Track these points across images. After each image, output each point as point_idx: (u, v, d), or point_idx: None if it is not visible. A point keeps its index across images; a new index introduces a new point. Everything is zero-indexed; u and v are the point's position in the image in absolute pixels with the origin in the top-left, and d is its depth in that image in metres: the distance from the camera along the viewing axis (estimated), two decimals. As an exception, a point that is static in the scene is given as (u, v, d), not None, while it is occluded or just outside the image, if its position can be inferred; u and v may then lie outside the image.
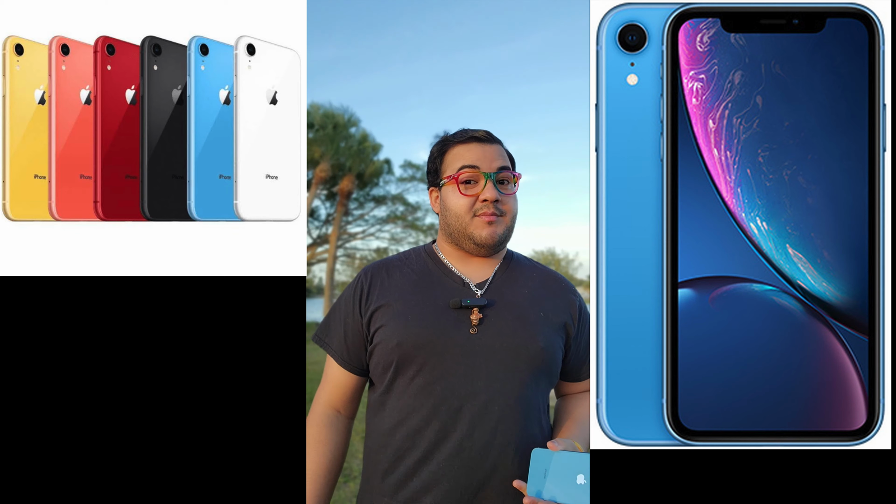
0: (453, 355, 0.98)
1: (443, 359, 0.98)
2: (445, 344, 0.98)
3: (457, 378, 0.97)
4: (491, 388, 0.97)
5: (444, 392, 0.97)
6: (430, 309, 1.02)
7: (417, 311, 1.02)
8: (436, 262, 1.09)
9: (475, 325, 1.00)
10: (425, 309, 1.02)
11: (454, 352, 0.98)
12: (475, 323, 1.00)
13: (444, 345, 0.98)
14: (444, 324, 1.00)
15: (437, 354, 0.98)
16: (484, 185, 1.02)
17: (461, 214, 1.04)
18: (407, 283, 1.07)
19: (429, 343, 0.99)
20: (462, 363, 0.98)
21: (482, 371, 0.97)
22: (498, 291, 1.05)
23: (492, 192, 1.01)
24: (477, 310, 1.01)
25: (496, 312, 1.02)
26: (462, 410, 0.96)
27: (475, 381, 0.97)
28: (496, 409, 0.96)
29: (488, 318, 1.01)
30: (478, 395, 0.97)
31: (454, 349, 0.98)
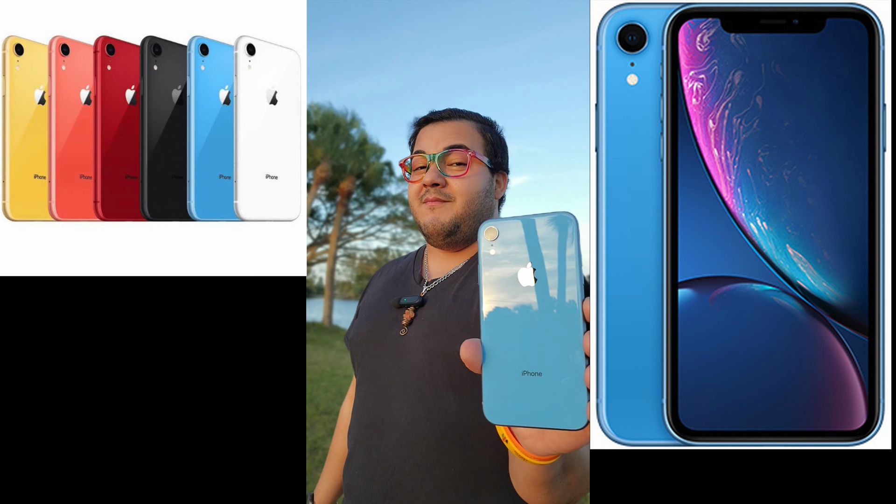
0: (379, 356, 0.90)
1: (371, 359, 0.91)
2: (376, 343, 0.91)
3: (376, 382, 0.89)
4: (403, 398, 0.84)
5: (364, 396, 0.90)
6: (380, 306, 0.96)
7: (370, 308, 0.97)
8: (417, 258, 1.03)
9: (405, 325, 0.89)
10: (377, 305, 0.96)
11: (381, 352, 0.90)
12: (405, 323, 0.89)
13: (375, 344, 0.91)
14: (382, 322, 0.92)
15: (369, 354, 0.92)
16: (427, 168, 0.93)
17: (412, 201, 0.96)
18: (384, 280, 1.02)
19: (363, 341, 0.93)
20: (384, 365, 0.88)
21: (397, 377, 0.86)
22: (445, 289, 0.92)
23: (431, 175, 0.91)
24: (411, 308, 0.90)
25: (427, 312, 0.89)
26: (374, 420, 0.86)
27: (390, 386, 0.86)
28: (403, 423, 0.83)
29: (419, 319, 0.89)
30: (390, 404, 0.85)
31: (382, 349, 0.90)
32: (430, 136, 0.96)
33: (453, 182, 0.92)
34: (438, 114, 1.00)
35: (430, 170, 0.92)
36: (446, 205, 0.93)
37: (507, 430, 0.52)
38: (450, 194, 0.93)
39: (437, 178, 0.92)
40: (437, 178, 0.92)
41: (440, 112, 1.00)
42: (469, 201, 0.93)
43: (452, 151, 0.93)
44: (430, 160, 0.92)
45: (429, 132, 0.97)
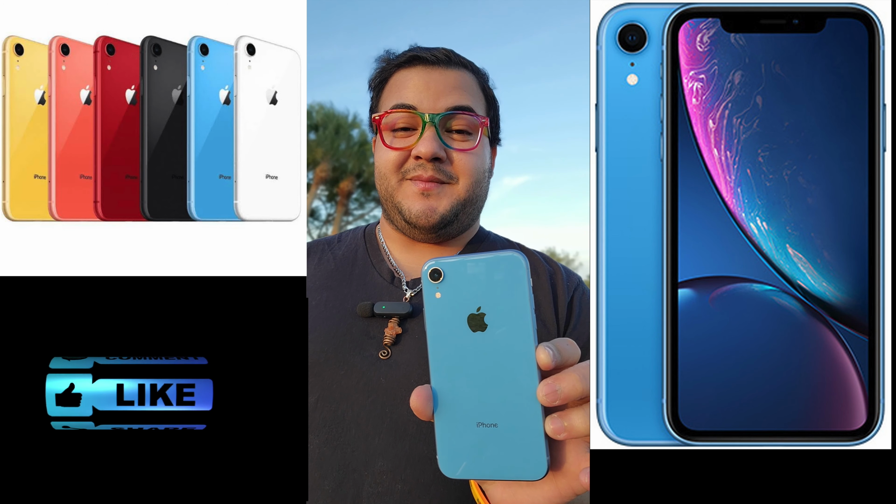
0: (345, 390, 0.62)
1: (329, 394, 0.62)
2: (336, 371, 0.63)
3: (347, 431, 0.60)
4: (396, 453, 0.59)
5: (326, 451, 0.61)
6: (331, 313, 0.66)
7: (314, 317, 0.67)
8: (370, 247, 0.73)
9: (387, 346, 0.63)
10: (325, 313, 0.67)
11: (347, 385, 0.62)
12: (388, 342, 0.63)
13: (334, 372, 0.63)
14: (342, 338, 0.64)
15: (324, 388, 0.62)
16: (420, 133, 0.65)
17: (387, 175, 0.68)
18: (320, 274, 0.72)
19: (314, 366, 0.63)
20: (358, 406, 0.61)
21: (384, 422, 0.60)
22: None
23: (429, 144, 0.65)
24: (395, 321, 0.64)
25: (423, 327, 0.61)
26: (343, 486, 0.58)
27: (371, 438, 0.59)
28: (398, 491, 0.57)
29: (410, 336, 0.64)
30: (372, 463, 0.59)
31: (349, 380, 0.62)
32: (425, 86, 0.68)
33: (459, 158, 0.68)
34: (432, 53, 0.71)
35: (428, 136, 0.65)
36: (445, 188, 0.68)
37: (481, 495, 0.47)
38: (452, 174, 0.68)
39: (440, 150, 0.66)
40: (439, 151, 0.66)
41: (433, 51, 0.71)
42: (475, 183, 0.70)
43: (459, 114, 0.68)
44: (425, 122, 0.65)
45: (420, 78, 0.69)
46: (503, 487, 0.45)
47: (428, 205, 0.67)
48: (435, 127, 0.66)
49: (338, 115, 15.31)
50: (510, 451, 0.43)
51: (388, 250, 0.73)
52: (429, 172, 0.66)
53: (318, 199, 16.32)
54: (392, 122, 0.68)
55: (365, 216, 17.43)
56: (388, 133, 0.69)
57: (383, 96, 0.73)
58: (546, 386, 0.41)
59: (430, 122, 0.66)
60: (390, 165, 0.68)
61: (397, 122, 0.68)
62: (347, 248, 0.75)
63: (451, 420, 0.43)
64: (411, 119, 0.67)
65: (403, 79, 0.70)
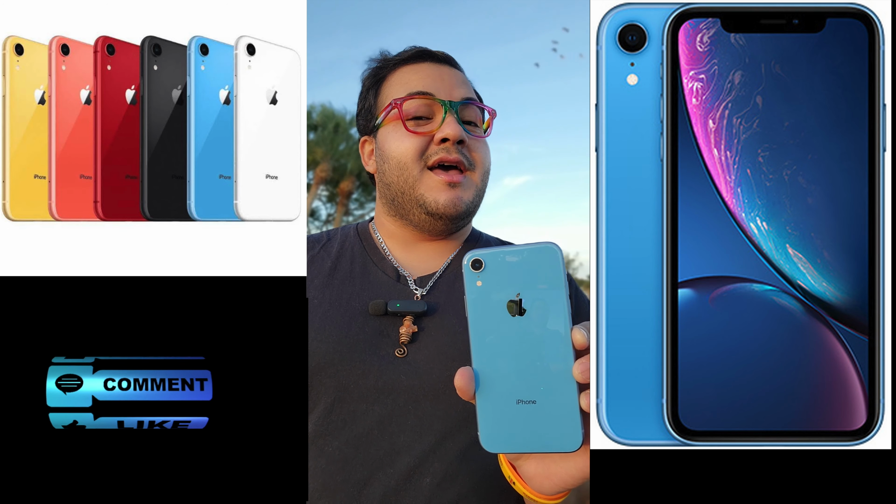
0: (363, 390, 0.63)
1: (347, 395, 0.64)
2: (353, 371, 0.64)
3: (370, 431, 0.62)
4: (421, 447, 0.61)
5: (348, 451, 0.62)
6: (340, 313, 0.67)
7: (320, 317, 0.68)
8: (367, 245, 0.74)
9: (403, 344, 0.64)
10: (332, 312, 0.68)
11: (366, 385, 0.63)
12: (404, 340, 0.64)
13: (350, 373, 0.64)
14: (355, 338, 0.65)
15: (340, 388, 0.64)
16: (443, 119, 0.66)
17: (407, 164, 0.68)
18: (316, 273, 0.73)
19: (328, 367, 0.65)
20: (379, 405, 0.63)
21: (408, 419, 0.62)
22: (448, 292, 0.69)
23: (456, 126, 0.66)
24: (410, 319, 0.65)
25: (440, 325, 0.66)
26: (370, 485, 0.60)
27: (396, 436, 0.62)
28: (427, 483, 0.60)
29: (426, 334, 0.65)
30: (398, 460, 0.61)
31: (367, 380, 0.64)
32: (439, 77, 0.70)
33: (475, 145, 0.68)
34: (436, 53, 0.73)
35: (451, 120, 0.66)
36: (468, 179, 0.68)
37: (513, 471, 0.52)
38: (473, 161, 0.69)
39: (463, 133, 0.67)
40: (462, 134, 0.66)
41: (436, 52, 0.74)
42: (486, 173, 0.70)
43: (472, 104, 0.70)
44: (446, 109, 0.66)
45: (432, 70, 0.71)
46: (536, 462, 0.49)
47: (455, 194, 0.67)
48: (455, 113, 0.67)
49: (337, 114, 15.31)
50: (548, 426, 0.47)
51: (387, 248, 0.74)
52: (454, 155, 0.67)
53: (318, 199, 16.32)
54: (407, 112, 0.68)
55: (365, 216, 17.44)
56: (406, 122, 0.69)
57: (385, 91, 0.74)
58: (581, 364, 0.45)
59: (450, 109, 0.67)
60: (412, 153, 0.68)
61: (412, 110, 0.68)
62: (342, 246, 0.76)
63: (492, 398, 0.47)
64: (429, 107, 0.68)
65: (412, 72, 0.72)
